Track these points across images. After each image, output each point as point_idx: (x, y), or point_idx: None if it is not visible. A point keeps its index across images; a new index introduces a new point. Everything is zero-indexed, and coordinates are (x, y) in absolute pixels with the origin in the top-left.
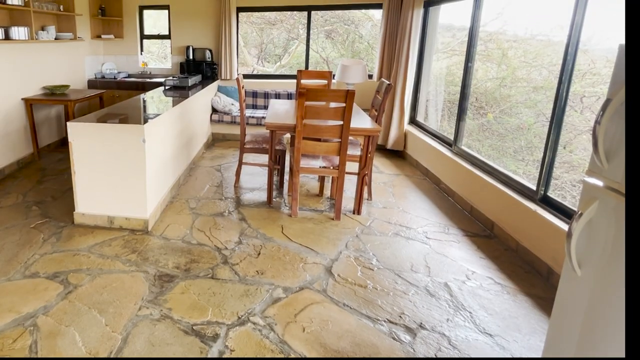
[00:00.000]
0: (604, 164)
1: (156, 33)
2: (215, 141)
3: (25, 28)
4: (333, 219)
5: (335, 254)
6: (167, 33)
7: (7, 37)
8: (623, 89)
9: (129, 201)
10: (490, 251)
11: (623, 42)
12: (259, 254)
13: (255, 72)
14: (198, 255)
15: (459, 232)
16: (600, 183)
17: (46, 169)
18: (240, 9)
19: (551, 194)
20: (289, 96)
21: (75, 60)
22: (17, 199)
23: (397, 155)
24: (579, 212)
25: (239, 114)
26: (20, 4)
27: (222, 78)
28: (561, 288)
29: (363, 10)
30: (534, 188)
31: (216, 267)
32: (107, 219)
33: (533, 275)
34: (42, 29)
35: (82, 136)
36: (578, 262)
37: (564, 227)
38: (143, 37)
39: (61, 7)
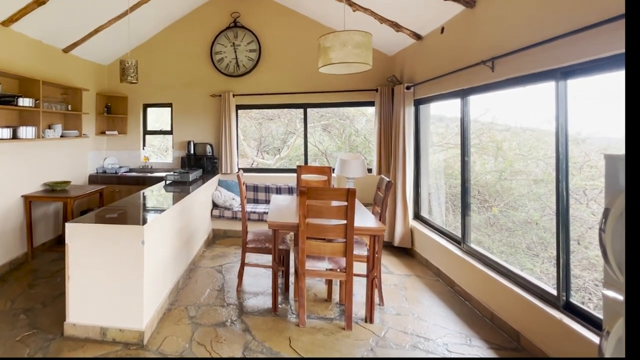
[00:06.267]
0: (618, 276)
1: (158, 128)
2: (216, 238)
3: (33, 127)
4: (344, 329)
5: None
6: (169, 129)
7: (14, 137)
8: (619, 198)
9: (124, 310)
10: None
11: (607, 151)
12: None
13: (255, 165)
14: None
15: (482, 344)
16: (620, 297)
17: (39, 270)
18: (239, 107)
19: (574, 297)
20: (289, 190)
21: (78, 156)
22: (5, 305)
23: (406, 252)
24: (606, 330)
25: (240, 209)
26: (31, 105)
27: (223, 172)
28: None
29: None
30: (555, 293)
31: None
32: (99, 330)
33: None
34: (49, 127)
35: (80, 237)
36: None
37: (595, 339)
38: (146, 132)
39: (69, 106)
